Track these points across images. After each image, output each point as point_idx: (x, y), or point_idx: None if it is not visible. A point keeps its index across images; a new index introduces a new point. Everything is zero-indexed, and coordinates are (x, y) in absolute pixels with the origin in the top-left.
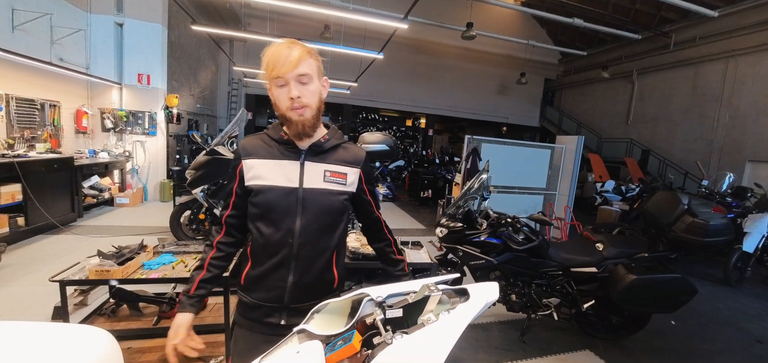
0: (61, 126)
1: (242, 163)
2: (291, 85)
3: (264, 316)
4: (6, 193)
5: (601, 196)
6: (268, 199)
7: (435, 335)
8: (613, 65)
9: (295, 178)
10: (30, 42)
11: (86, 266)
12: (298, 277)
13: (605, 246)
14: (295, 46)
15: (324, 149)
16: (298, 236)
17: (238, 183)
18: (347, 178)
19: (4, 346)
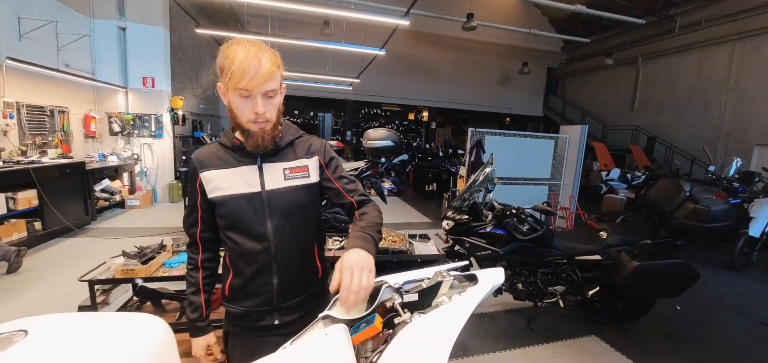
0: (70, 131)
1: (200, 176)
2: (258, 101)
3: (256, 321)
4: (22, 199)
5: (606, 185)
6: (233, 209)
7: (448, 314)
8: (617, 52)
9: (255, 183)
10: (36, 50)
11: (112, 266)
12: (281, 278)
13: (609, 234)
14: (264, 55)
15: (279, 148)
16: (272, 239)
17: (200, 197)
18: (309, 170)
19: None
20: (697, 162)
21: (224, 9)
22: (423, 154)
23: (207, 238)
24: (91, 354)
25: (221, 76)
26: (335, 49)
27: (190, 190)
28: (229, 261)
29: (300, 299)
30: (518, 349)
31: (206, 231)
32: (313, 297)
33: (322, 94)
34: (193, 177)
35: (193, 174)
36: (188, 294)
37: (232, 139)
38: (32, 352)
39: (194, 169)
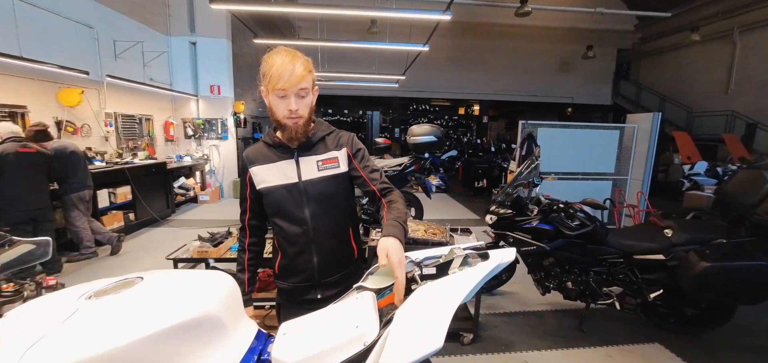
0: (154, 136)
1: (249, 171)
2: (291, 99)
3: (302, 295)
4: (121, 194)
5: (689, 180)
6: (276, 198)
7: (455, 280)
8: (706, 25)
9: (293, 174)
10: (128, 67)
11: (190, 248)
12: (320, 257)
13: (675, 231)
14: (297, 61)
15: (312, 143)
16: (310, 222)
17: (250, 189)
18: (339, 161)
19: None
20: None
21: (279, 18)
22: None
23: (254, 225)
24: (184, 292)
25: (263, 81)
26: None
27: (241, 183)
28: (276, 244)
29: (338, 276)
30: (566, 350)
31: (253, 219)
32: (351, 274)
33: (370, 93)
34: (243, 172)
35: (243, 170)
36: (236, 272)
37: (273, 138)
38: (147, 290)
39: (244, 166)
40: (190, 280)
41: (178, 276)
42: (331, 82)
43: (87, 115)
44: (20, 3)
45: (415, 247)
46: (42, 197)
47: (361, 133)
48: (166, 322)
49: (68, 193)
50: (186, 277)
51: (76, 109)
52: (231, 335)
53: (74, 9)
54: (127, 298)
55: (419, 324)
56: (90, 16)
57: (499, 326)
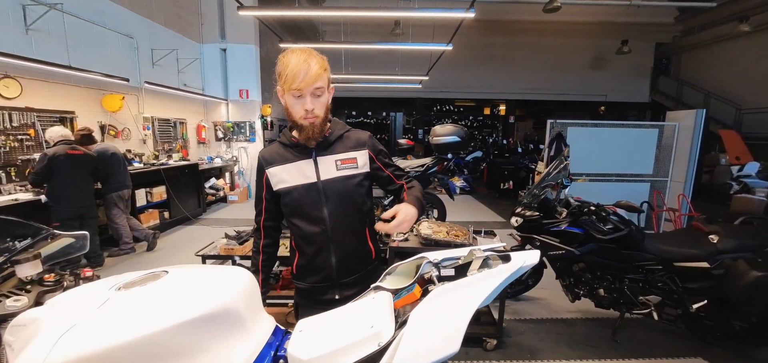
0: (187, 139)
1: (266, 172)
2: (307, 99)
3: (320, 295)
4: (157, 193)
5: (738, 182)
6: (294, 198)
7: (473, 281)
8: (757, 14)
9: (311, 174)
10: (164, 74)
11: (218, 245)
12: (339, 256)
13: (721, 237)
14: (312, 59)
15: (330, 142)
16: (329, 222)
17: (266, 190)
18: (358, 161)
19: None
20: None
21: (304, 22)
22: (499, 151)
23: (269, 226)
24: (205, 286)
25: (279, 81)
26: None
27: (257, 184)
28: (294, 244)
29: (356, 276)
30: (597, 361)
31: (269, 220)
32: (369, 275)
33: (393, 94)
34: (260, 173)
35: (260, 171)
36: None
37: (290, 138)
38: (173, 282)
39: (261, 167)
40: (212, 274)
41: (200, 271)
42: (355, 84)
43: (127, 120)
44: (69, 17)
45: (437, 248)
46: (88, 196)
47: (383, 134)
48: (188, 313)
49: (109, 192)
50: (207, 272)
51: (118, 114)
52: (250, 329)
53: (117, 21)
54: (153, 290)
55: (435, 326)
56: (131, 26)
57: (525, 333)
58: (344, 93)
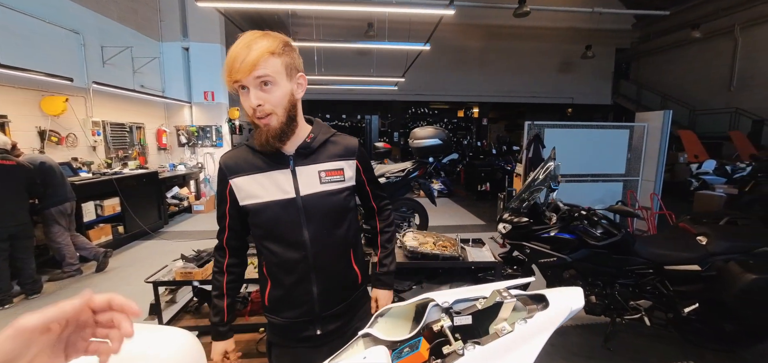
0: (146, 144)
1: (229, 183)
2: (251, 92)
3: (299, 332)
4: (108, 206)
5: (698, 180)
6: (268, 217)
7: (511, 347)
8: (707, 22)
9: (289, 188)
10: (117, 74)
11: (173, 269)
12: (322, 286)
13: (710, 239)
14: (256, 42)
15: (312, 149)
16: (310, 247)
17: (229, 204)
18: (345, 173)
19: None
20: None
21: (273, 19)
22: (474, 153)
23: (233, 245)
24: None
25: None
26: (379, 48)
27: (219, 195)
28: (266, 271)
29: (342, 307)
30: None
31: (233, 239)
32: (354, 303)
33: (368, 97)
34: (222, 183)
35: (221, 180)
36: (212, 297)
37: None
38: None
39: (223, 176)
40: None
41: None
42: (329, 86)
43: (72, 124)
44: (2, 9)
45: (424, 261)
46: (22, 213)
47: (359, 137)
48: None
49: (48, 208)
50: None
51: (61, 118)
52: None
53: (60, 14)
54: None
55: None
56: (77, 21)
57: None
58: (318, 95)
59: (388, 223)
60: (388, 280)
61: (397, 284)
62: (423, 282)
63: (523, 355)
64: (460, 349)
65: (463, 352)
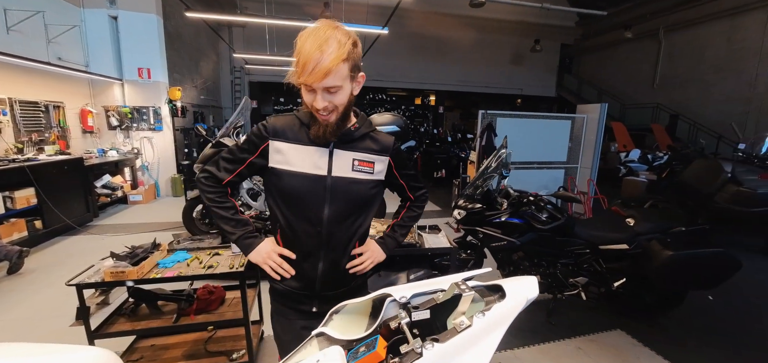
0: (67, 127)
1: (269, 142)
2: (318, 96)
3: (297, 303)
4: (21, 198)
5: (625, 167)
6: (295, 186)
7: (471, 341)
8: (637, 24)
9: (323, 166)
10: (26, 43)
11: (101, 268)
12: (328, 265)
13: (637, 221)
14: (329, 45)
15: (353, 138)
16: (326, 225)
17: (256, 157)
18: (375, 167)
19: None
20: (724, 140)
21: None
22: (431, 140)
23: (234, 182)
24: None
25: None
26: None
27: (248, 143)
28: (280, 237)
29: (341, 291)
30: (539, 345)
31: (234, 182)
32: (353, 292)
33: None
34: (258, 139)
35: (260, 137)
36: (227, 217)
37: (310, 116)
38: None
39: (262, 134)
40: None
41: None
42: (282, 67)
43: None
44: None
45: None
46: None
47: None
48: None
49: None
50: None
51: None
52: None
53: None
54: None
55: None
56: None
57: None
58: (270, 77)
59: (419, 204)
60: (390, 244)
61: None
62: (380, 270)
63: (482, 350)
64: (418, 347)
65: (422, 350)
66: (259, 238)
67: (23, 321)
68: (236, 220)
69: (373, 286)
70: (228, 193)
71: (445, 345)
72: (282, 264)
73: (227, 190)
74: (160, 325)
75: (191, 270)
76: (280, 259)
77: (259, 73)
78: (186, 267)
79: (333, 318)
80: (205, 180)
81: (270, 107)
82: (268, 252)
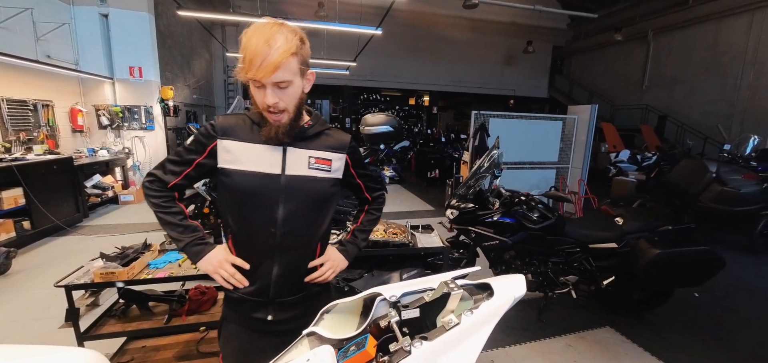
0: (56, 126)
1: (217, 142)
2: (268, 91)
3: (250, 311)
4: (8, 198)
5: (615, 167)
6: (247, 185)
7: (459, 339)
8: (627, 26)
9: (277, 165)
10: (14, 40)
11: (91, 269)
12: (283, 269)
13: (626, 220)
14: (276, 40)
15: (307, 135)
16: (280, 225)
17: (204, 158)
18: (332, 165)
19: None
20: (710, 140)
21: None
22: (425, 140)
23: (181, 185)
24: None
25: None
26: (330, 30)
27: (195, 144)
28: (232, 243)
29: (297, 297)
30: (530, 343)
31: (181, 186)
32: (311, 298)
33: (319, 81)
34: (206, 139)
35: (208, 137)
36: (174, 223)
37: (261, 117)
38: None
39: (209, 134)
40: None
41: None
42: None
43: None
44: None
45: (375, 249)
46: None
47: None
48: None
49: None
50: None
51: None
52: None
53: None
54: None
55: None
56: None
57: None
58: None
59: (377, 207)
60: (352, 250)
61: (347, 273)
62: (374, 269)
63: (469, 347)
64: (407, 345)
65: (411, 348)
66: (210, 245)
67: (10, 323)
68: (184, 225)
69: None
70: (175, 198)
71: (434, 342)
72: (235, 274)
73: (174, 194)
74: (151, 327)
75: (182, 270)
76: (232, 268)
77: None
78: (177, 267)
79: (324, 317)
80: (149, 184)
81: None
82: (220, 261)
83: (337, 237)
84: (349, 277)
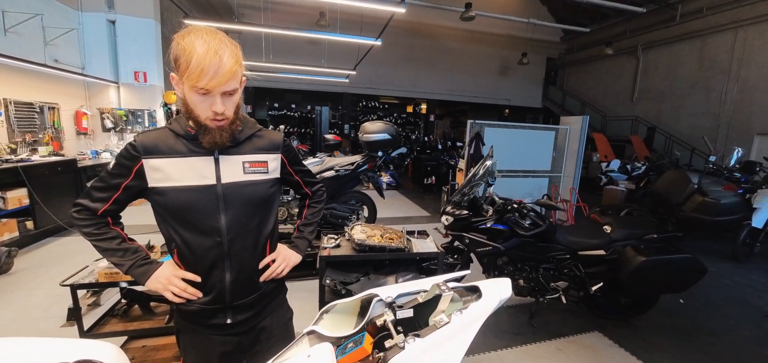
0: (61, 128)
1: (142, 162)
2: (217, 100)
3: (208, 319)
4: (12, 198)
5: (606, 176)
6: (182, 201)
7: (448, 337)
8: (617, 41)
9: (210, 175)
10: (23, 44)
11: (95, 269)
12: (235, 274)
13: (613, 228)
14: (225, 51)
15: (238, 140)
16: (226, 233)
17: (131, 180)
18: (269, 166)
19: None
20: (697, 152)
21: (219, 1)
22: (421, 147)
23: (114, 210)
24: None
25: (176, 69)
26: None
27: (118, 167)
28: (177, 258)
29: (254, 297)
30: (521, 347)
31: (113, 211)
32: (268, 295)
33: (319, 88)
34: (129, 160)
35: (130, 158)
36: (112, 249)
37: (186, 128)
38: None
39: (132, 155)
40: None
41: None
42: (278, 74)
43: None
44: None
45: (371, 254)
46: None
47: (309, 128)
48: None
49: None
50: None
51: None
52: None
53: None
54: None
55: None
56: None
57: None
58: (266, 83)
59: (318, 200)
60: (302, 244)
61: (344, 277)
62: (370, 274)
63: (458, 344)
64: (401, 342)
65: (404, 345)
66: (156, 263)
67: (12, 322)
68: (123, 249)
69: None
70: (109, 223)
71: (425, 339)
72: (186, 288)
73: (107, 220)
74: (152, 326)
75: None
76: (183, 283)
77: (254, 78)
78: None
79: (323, 317)
80: (77, 213)
81: (265, 112)
82: (167, 277)
83: (335, 241)
84: (347, 280)
